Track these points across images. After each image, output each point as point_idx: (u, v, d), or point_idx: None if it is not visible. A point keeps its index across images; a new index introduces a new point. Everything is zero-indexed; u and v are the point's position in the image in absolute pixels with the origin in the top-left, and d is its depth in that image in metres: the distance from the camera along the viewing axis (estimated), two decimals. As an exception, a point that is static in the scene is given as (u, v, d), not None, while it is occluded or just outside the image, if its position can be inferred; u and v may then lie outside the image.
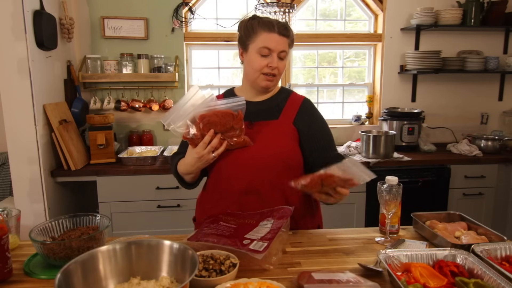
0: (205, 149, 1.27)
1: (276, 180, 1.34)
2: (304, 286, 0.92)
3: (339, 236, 1.35)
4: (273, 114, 1.41)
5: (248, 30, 1.37)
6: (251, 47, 1.36)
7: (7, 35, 2.17)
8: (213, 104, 1.28)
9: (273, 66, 1.34)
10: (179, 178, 1.46)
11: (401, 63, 3.22)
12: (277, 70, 1.36)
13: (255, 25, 1.35)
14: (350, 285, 0.91)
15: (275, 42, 1.33)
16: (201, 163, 1.31)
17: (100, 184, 2.50)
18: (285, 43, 1.35)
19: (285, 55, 1.37)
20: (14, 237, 1.25)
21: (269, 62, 1.34)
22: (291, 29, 1.38)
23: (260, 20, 1.36)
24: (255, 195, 1.34)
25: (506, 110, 3.34)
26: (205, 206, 1.46)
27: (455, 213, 1.40)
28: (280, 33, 1.33)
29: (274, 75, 1.37)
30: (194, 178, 1.44)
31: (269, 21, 1.35)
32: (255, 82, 1.39)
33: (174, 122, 1.28)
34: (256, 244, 1.07)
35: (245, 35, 1.38)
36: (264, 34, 1.33)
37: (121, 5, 2.89)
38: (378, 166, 2.66)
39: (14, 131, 2.27)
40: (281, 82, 3.24)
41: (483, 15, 3.05)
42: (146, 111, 3.02)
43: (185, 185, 1.50)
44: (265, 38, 1.33)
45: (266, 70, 1.35)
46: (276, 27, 1.33)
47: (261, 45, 1.33)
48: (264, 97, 1.45)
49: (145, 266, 0.98)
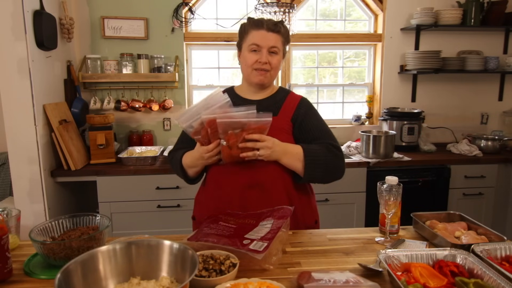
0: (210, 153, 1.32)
1: (277, 173, 1.38)
2: (304, 286, 0.92)
3: (339, 236, 1.35)
4: (272, 111, 1.42)
5: (241, 31, 1.44)
6: (244, 46, 1.42)
7: (7, 35, 2.17)
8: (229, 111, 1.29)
9: (263, 61, 1.37)
10: (182, 171, 1.48)
11: (401, 63, 3.22)
12: (269, 65, 1.39)
13: (247, 26, 1.42)
14: (350, 285, 0.91)
15: (263, 38, 1.37)
16: (206, 162, 1.37)
17: (100, 184, 2.50)
18: (275, 39, 1.39)
19: (276, 51, 1.40)
20: (14, 237, 1.25)
21: (259, 57, 1.38)
22: (283, 26, 1.41)
23: (251, 20, 1.41)
24: (258, 189, 1.37)
25: (506, 110, 3.34)
26: (206, 202, 1.47)
27: (455, 213, 1.40)
28: (269, 29, 1.37)
29: (266, 70, 1.39)
30: (198, 173, 1.47)
31: (259, 19, 1.40)
32: (249, 78, 1.44)
33: (181, 121, 1.30)
34: (256, 244, 1.07)
35: (239, 37, 1.45)
36: (253, 32, 1.39)
37: (121, 5, 2.89)
38: (378, 166, 2.66)
39: (14, 131, 2.26)
40: (281, 82, 3.24)
41: (483, 15, 3.05)
42: (146, 111, 3.02)
43: (187, 179, 1.51)
44: (254, 35, 1.38)
45: (257, 66, 1.39)
46: (264, 24, 1.37)
47: (250, 42, 1.39)
48: (263, 95, 1.48)
49: (145, 266, 0.98)
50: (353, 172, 2.64)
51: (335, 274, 0.97)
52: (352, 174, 2.64)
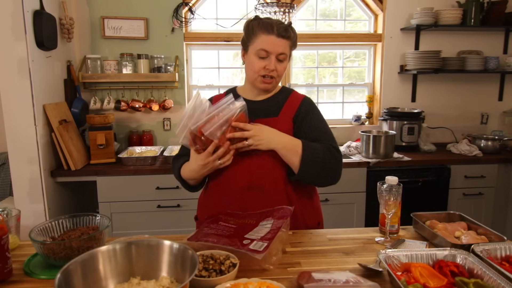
0: (210, 157, 1.28)
1: (277, 175, 1.36)
2: (304, 286, 0.92)
3: (339, 236, 1.35)
4: (273, 112, 1.42)
5: (248, 31, 1.38)
6: (251, 49, 1.37)
7: (7, 35, 2.17)
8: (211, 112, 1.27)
9: (271, 68, 1.34)
10: (182, 181, 1.47)
11: (401, 63, 3.22)
12: (275, 73, 1.36)
13: (255, 27, 1.35)
14: (350, 285, 0.91)
15: (273, 44, 1.32)
16: (206, 170, 1.32)
17: (100, 184, 2.50)
18: (284, 45, 1.34)
19: (284, 57, 1.36)
20: (14, 237, 1.25)
21: (266, 64, 1.34)
22: (292, 30, 1.37)
23: (260, 21, 1.35)
24: (257, 191, 1.35)
25: (506, 110, 3.34)
26: (207, 204, 1.47)
27: (455, 213, 1.40)
28: (279, 35, 1.32)
29: (272, 77, 1.37)
30: (198, 182, 1.45)
31: (269, 22, 1.34)
32: (254, 83, 1.41)
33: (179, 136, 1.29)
34: (256, 244, 1.07)
35: (246, 36, 1.39)
36: (262, 36, 1.33)
37: (121, 5, 2.89)
38: (378, 166, 2.66)
39: (14, 131, 2.27)
40: (281, 82, 3.23)
41: (483, 15, 3.05)
42: (146, 111, 3.02)
43: (188, 188, 1.50)
44: (263, 40, 1.33)
45: (264, 73, 1.36)
46: (275, 28, 1.32)
47: (259, 47, 1.33)
48: (265, 96, 1.47)
49: (145, 266, 0.98)
50: (353, 172, 2.64)
51: (335, 274, 0.97)
52: (352, 174, 2.64)
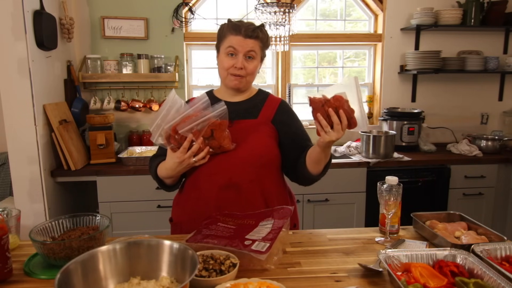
0: (186, 154, 1.30)
1: (254, 175, 1.38)
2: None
3: (339, 236, 1.35)
4: (252, 114, 1.45)
5: (219, 34, 1.44)
6: (221, 49, 1.41)
7: (7, 35, 2.17)
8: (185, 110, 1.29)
9: (238, 66, 1.37)
10: (158, 181, 1.48)
11: (401, 63, 3.22)
12: (244, 71, 1.38)
13: (225, 29, 1.40)
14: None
15: (239, 43, 1.36)
16: (182, 167, 1.35)
17: (100, 184, 2.50)
18: (252, 44, 1.37)
19: (254, 55, 1.39)
20: (14, 237, 1.25)
21: (234, 62, 1.37)
22: (262, 31, 1.40)
23: (230, 23, 1.40)
24: (235, 190, 1.37)
25: (506, 110, 3.34)
26: (183, 204, 1.48)
27: (455, 213, 1.40)
28: (247, 36, 1.36)
29: (241, 76, 1.39)
30: (175, 181, 1.47)
31: (238, 24, 1.38)
32: (225, 82, 1.44)
33: (153, 136, 1.31)
34: (258, 245, 1.07)
35: (217, 39, 1.45)
36: (230, 36, 1.38)
37: (121, 5, 2.89)
38: (378, 166, 2.66)
39: (14, 131, 2.26)
40: (281, 82, 3.24)
41: (483, 15, 3.05)
42: (146, 111, 3.02)
43: (165, 187, 1.51)
44: (230, 40, 1.37)
45: (232, 71, 1.39)
46: (243, 30, 1.36)
47: (227, 45, 1.38)
48: (242, 97, 1.48)
49: (145, 266, 0.98)
50: (353, 172, 2.64)
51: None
52: (352, 174, 2.64)
